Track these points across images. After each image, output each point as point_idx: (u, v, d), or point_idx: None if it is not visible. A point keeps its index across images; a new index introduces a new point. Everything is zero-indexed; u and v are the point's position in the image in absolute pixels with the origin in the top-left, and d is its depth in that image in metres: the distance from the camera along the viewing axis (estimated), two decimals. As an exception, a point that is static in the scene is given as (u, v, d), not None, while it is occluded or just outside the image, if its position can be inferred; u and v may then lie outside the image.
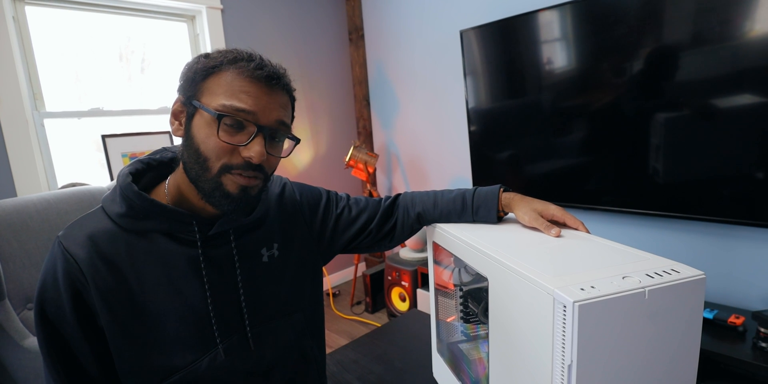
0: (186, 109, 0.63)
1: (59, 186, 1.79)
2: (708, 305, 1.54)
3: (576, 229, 0.75)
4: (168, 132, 2.12)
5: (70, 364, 0.62)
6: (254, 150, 0.61)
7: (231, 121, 0.60)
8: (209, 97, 0.61)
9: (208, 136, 0.60)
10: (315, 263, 0.83)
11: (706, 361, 1.29)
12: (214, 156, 0.61)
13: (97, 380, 0.63)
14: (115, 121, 2.06)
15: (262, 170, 0.64)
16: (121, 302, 0.61)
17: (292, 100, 0.69)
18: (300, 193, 0.83)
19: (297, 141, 0.69)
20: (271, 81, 0.62)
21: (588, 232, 0.74)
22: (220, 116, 0.59)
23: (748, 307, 1.55)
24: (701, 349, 0.54)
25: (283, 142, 0.68)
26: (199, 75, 0.61)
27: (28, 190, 1.71)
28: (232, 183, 0.62)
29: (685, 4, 1.42)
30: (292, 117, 0.70)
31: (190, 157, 0.63)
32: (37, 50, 1.78)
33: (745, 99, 1.35)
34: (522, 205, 0.78)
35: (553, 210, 0.76)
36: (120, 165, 1.96)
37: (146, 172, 0.70)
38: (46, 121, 1.81)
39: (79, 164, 1.98)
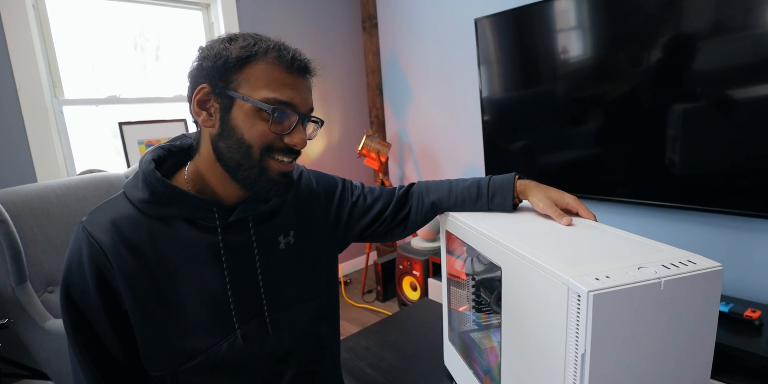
0: (218, 100, 0.63)
1: (78, 172, 1.83)
2: (723, 298, 1.52)
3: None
4: (183, 120, 2.14)
5: (94, 347, 0.63)
6: (298, 138, 0.65)
7: (281, 114, 0.62)
8: (248, 88, 0.61)
9: (252, 126, 0.62)
10: (330, 251, 0.83)
11: (721, 355, 1.28)
12: (258, 143, 0.63)
13: (121, 362, 0.65)
14: (131, 108, 2.08)
15: (299, 153, 0.68)
16: (144, 287, 0.62)
17: None
18: (316, 180, 0.84)
19: (321, 123, 0.71)
20: (304, 71, 0.65)
21: None
22: (274, 110, 0.61)
23: (765, 300, 1.52)
24: (716, 343, 0.54)
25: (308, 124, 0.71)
26: (231, 65, 0.61)
27: (48, 176, 1.75)
28: (274, 170, 0.65)
29: (708, -9, 1.37)
30: None
31: (230, 147, 0.63)
32: (55, 38, 1.80)
33: (767, 89, 1.32)
34: (537, 192, 0.78)
35: (568, 199, 0.76)
36: (136, 152, 1.99)
37: (167, 159, 0.70)
38: (65, 109, 1.84)
39: (96, 151, 2.01)
